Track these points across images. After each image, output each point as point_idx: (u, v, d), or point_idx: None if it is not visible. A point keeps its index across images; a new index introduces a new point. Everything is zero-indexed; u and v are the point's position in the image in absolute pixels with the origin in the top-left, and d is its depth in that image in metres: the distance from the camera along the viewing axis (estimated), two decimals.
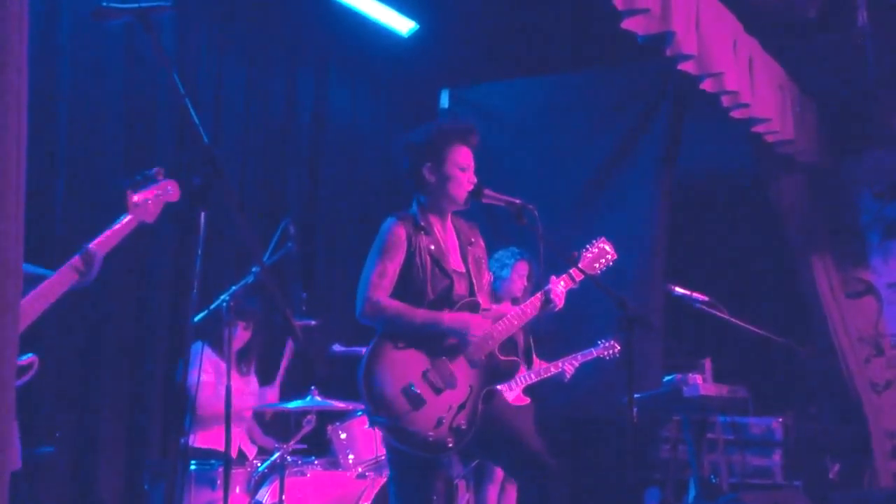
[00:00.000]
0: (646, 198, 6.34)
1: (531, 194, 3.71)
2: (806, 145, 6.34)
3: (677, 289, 5.02)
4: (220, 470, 4.26)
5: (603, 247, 3.86)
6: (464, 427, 3.46)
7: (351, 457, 4.80)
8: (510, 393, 5.29)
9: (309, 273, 6.16)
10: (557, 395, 5.77)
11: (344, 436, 4.85)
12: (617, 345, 5.41)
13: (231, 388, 3.97)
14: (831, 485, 6.52)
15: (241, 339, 5.04)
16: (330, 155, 6.49)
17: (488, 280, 3.83)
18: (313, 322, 4.88)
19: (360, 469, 4.72)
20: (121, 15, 2.60)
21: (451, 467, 4.96)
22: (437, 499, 3.45)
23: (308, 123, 6.38)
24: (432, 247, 3.59)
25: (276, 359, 5.24)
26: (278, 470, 4.40)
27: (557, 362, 5.43)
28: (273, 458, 4.48)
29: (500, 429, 3.54)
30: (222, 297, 4.15)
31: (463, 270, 3.65)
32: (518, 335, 5.24)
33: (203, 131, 2.48)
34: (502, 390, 5.00)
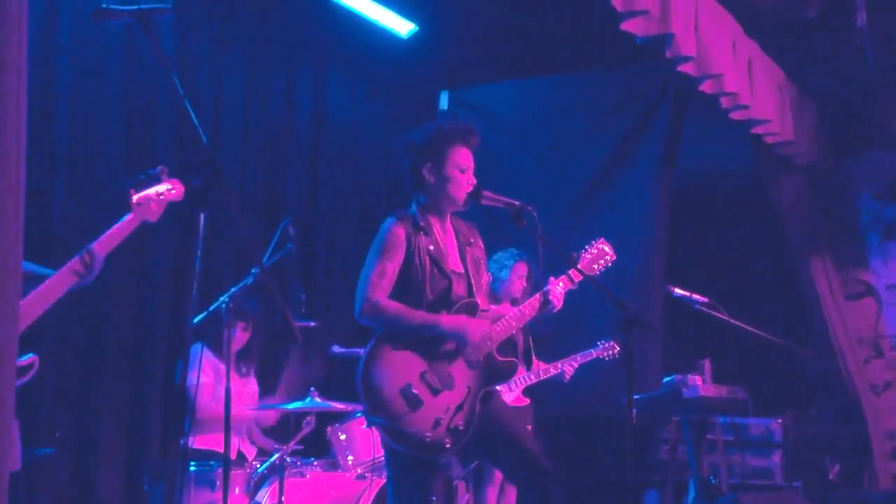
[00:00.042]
0: (646, 198, 6.33)
1: (531, 195, 3.70)
2: (805, 146, 6.34)
3: (677, 290, 5.02)
4: (219, 471, 4.26)
5: (602, 248, 3.86)
6: (461, 428, 3.46)
7: (350, 458, 4.80)
8: (510, 394, 5.29)
9: (308, 274, 6.15)
10: (557, 396, 5.77)
11: (343, 437, 4.85)
12: (616, 345, 5.40)
13: (231, 390, 3.96)
14: (831, 486, 6.52)
15: (240, 340, 5.02)
16: (330, 155, 6.49)
17: (487, 281, 3.82)
18: (313, 323, 4.87)
19: (359, 470, 4.72)
20: (121, 16, 2.60)
21: (450, 468, 4.98)
22: (437, 499, 3.45)
23: (308, 123, 6.37)
24: (431, 247, 3.59)
25: (275, 359, 5.23)
26: (278, 471, 4.39)
27: (557, 363, 5.42)
28: (272, 460, 4.48)
29: (498, 430, 3.54)
30: (222, 299, 4.14)
31: (461, 271, 3.65)
32: (517, 336, 5.23)
33: (203, 132, 2.49)
34: (502, 391, 5.03)
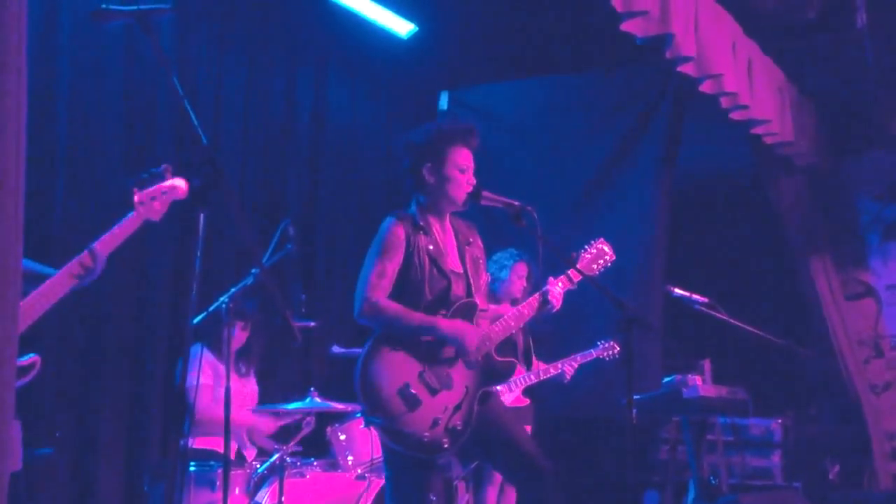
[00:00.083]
0: (646, 198, 6.33)
1: (531, 195, 3.70)
2: (805, 147, 6.34)
3: (677, 290, 5.02)
4: (219, 471, 4.25)
5: (601, 247, 3.86)
6: (459, 428, 3.46)
7: (350, 458, 4.80)
8: (510, 394, 5.29)
9: (308, 274, 6.15)
10: (557, 397, 5.77)
11: (343, 437, 4.85)
12: (616, 346, 5.40)
13: (230, 391, 3.96)
14: (831, 486, 6.52)
15: (239, 339, 5.00)
16: (330, 155, 6.49)
17: (486, 280, 3.82)
18: (312, 323, 4.87)
19: (359, 470, 4.72)
20: (120, 17, 2.60)
21: (450, 468, 4.98)
22: (437, 499, 3.45)
23: (308, 123, 6.37)
24: (431, 247, 3.58)
25: (275, 360, 5.23)
26: (278, 471, 4.39)
27: (557, 363, 5.42)
28: (272, 460, 4.47)
29: (496, 431, 3.54)
30: (221, 299, 4.14)
31: (461, 271, 3.64)
32: (517, 337, 5.23)
33: (202, 132, 2.49)
34: (502, 391, 5.03)
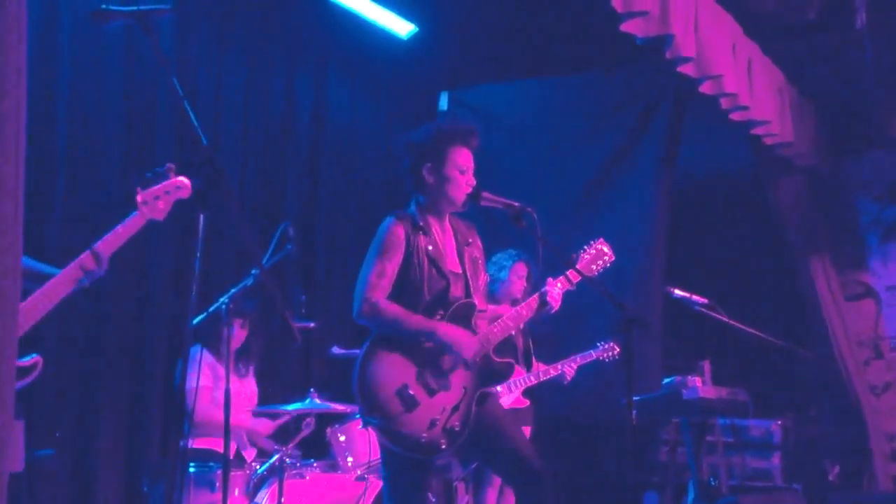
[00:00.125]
0: (646, 198, 6.34)
1: (531, 195, 3.70)
2: (805, 147, 6.33)
3: (677, 291, 5.02)
4: (218, 472, 4.25)
5: (601, 248, 3.85)
6: (457, 428, 3.46)
7: (350, 459, 4.80)
8: (510, 395, 5.28)
9: (308, 274, 6.15)
10: (557, 398, 5.77)
11: (343, 438, 4.85)
12: (616, 347, 5.39)
13: (230, 391, 3.95)
14: (830, 487, 6.51)
15: (238, 338, 4.99)
16: (330, 155, 6.49)
17: (484, 281, 3.82)
18: (312, 324, 4.87)
19: (359, 471, 4.72)
20: (120, 17, 2.60)
21: (450, 469, 4.98)
22: (436, 500, 3.45)
23: (308, 123, 6.37)
24: (430, 247, 3.58)
25: (275, 361, 5.22)
26: (277, 472, 4.39)
27: (557, 365, 5.41)
28: (272, 461, 4.47)
29: (495, 433, 3.54)
30: (221, 300, 4.14)
31: (459, 272, 3.64)
32: (517, 338, 5.23)
33: (202, 132, 2.48)
34: (502, 392, 5.02)
